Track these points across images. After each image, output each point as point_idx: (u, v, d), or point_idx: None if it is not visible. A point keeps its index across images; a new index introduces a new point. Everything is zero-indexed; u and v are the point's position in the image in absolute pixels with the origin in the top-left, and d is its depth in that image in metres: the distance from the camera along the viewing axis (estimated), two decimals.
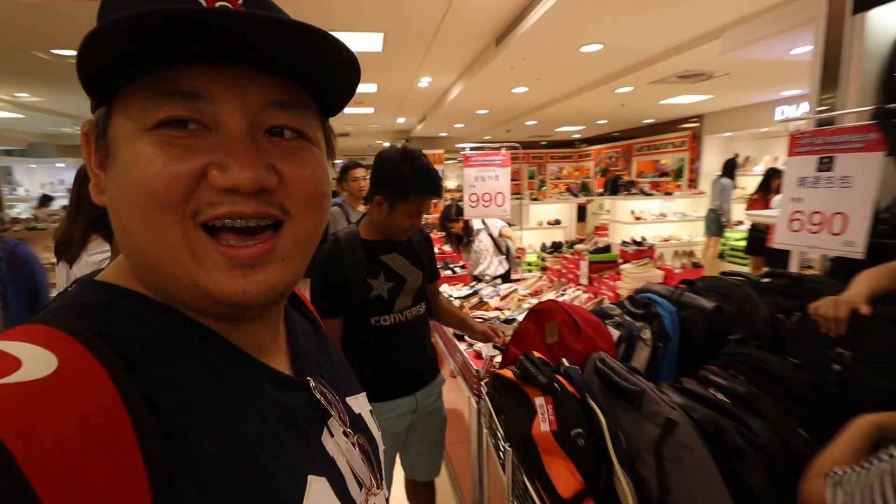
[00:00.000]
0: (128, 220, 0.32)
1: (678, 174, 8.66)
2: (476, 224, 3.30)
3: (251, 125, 0.32)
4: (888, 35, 1.70)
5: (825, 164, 1.68)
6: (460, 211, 3.23)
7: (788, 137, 1.84)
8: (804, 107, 5.85)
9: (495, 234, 3.27)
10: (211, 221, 0.31)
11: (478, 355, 1.85)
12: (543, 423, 0.91)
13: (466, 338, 2.00)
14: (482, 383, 1.66)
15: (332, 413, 0.41)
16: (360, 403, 0.49)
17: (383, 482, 0.46)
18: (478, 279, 3.05)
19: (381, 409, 1.44)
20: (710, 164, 7.71)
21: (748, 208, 5.02)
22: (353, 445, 0.42)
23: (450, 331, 2.09)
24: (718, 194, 6.18)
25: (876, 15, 1.67)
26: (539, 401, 0.92)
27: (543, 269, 4.48)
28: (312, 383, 0.40)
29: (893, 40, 1.70)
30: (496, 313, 2.30)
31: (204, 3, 0.31)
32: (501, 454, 1.27)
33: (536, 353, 1.10)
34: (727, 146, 7.82)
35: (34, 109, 6.54)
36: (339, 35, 0.31)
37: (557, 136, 11.44)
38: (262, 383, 0.36)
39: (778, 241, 1.84)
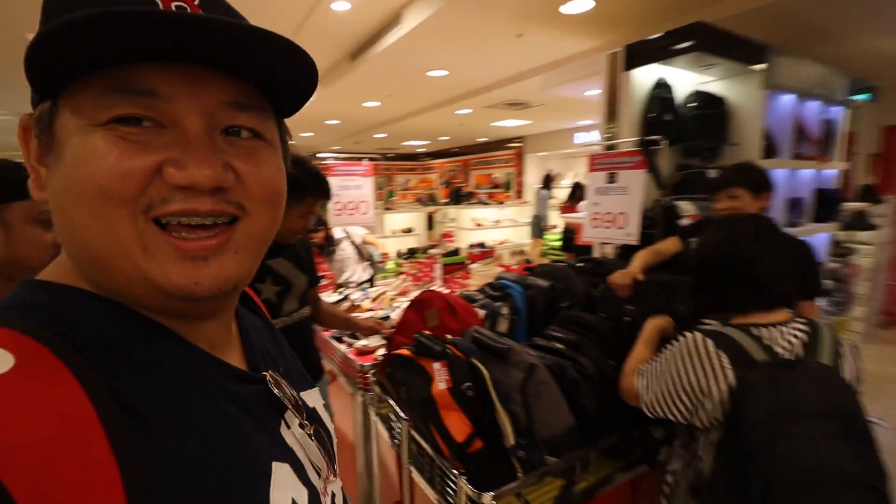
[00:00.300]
0: (75, 216, 0.31)
1: (508, 186, 9.99)
2: (338, 233, 3.36)
3: (208, 125, 0.32)
4: (645, 87, 2.41)
5: (612, 178, 2.28)
6: (321, 221, 3.26)
7: (588, 158, 2.43)
8: (595, 135, 7.43)
9: (358, 241, 3.38)
10: (165, 218, 0.31)
11: (360, 352, 1.96)
12: (440, 383, 1.11)
13: (345, 338, 2.09)
14: (368, 374, 1.79)
15: (288, 406, 0.41)
16: (313, 398, 0.50)
17: (336, 473, 0.48)
18: (344, 286, 3.12)
19: None
20: (532, 177, 9.11)
21: (562, 213, 6.15)
22: (310, 437, 0.43)
23: (327, 333, 2.15)
24: (539, 203, 7.39)
25: (637, 73, 2.36)
26: (436, 366, 1.12)
27: (399, 273, 4.76)
28: (269, 377, 0.41)
29: (650, 89, 2.41)
30: (370, 314, 2.44)
31: (161, 5, 0.31)
32: (395, 432, 1.43)
33: (427, 332, 1.31)
34: (543, 163, 9.34)
35: None
36: None
37: (403, 149, 12.00)
38: (219, 378, 0.36)
39: (585, 235, 2.40)
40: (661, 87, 2.40)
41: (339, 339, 2.11)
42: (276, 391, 0.40)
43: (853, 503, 0.75)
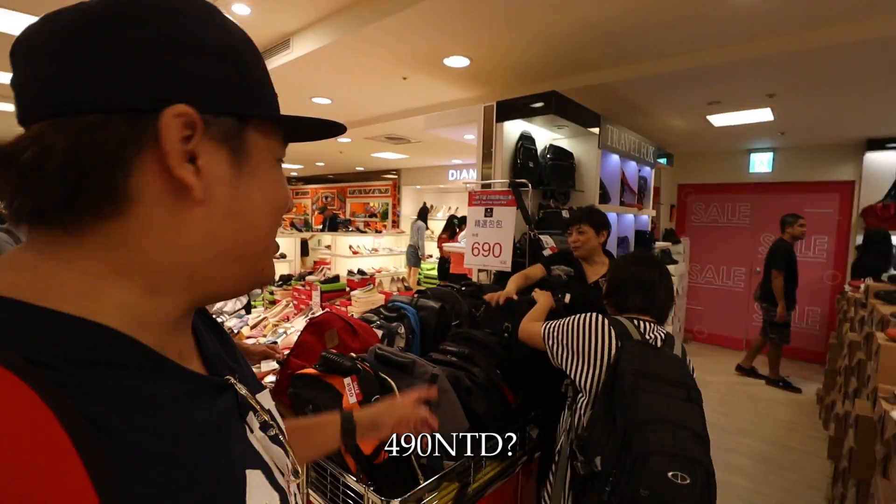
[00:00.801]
0: (265, 223, 0.40)
1: (384, 215, 10.18)
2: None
3: None
4: (513, 137, 2.82)
5: (489, 213, 2.59)
6: None
7: (467, 194, 2.71)
8: (472, 173, 8.12)
9: None
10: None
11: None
12: (351, 398, 1.16)
13: None
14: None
15: (257, 408, 0.43)
16: (266, 400, 0.50)
17: (297, 469, 0.50)
18: (218, 314, 2.87)
19: None
20: (408, 208, 9.47)
21: (440, 244, 6.53)
22: (270, 439, 0.45)
23: None
24: (415, 233, 7.72)
25: (508, 125, 2.75)
26: (347, 381, 1.17)
27: (272, 302, 4.49)
28: (232, 381, 0.42)
29: (517, 139, 2.83)
30: (251, 341, 2.30)
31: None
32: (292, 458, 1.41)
33: (333, 350, 1.34)
34: (419, 196, 9.81)
35: None
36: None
37: None
38: (191, 388, 0.37)
39: (467, 263, 2.66)
40: (526, 139, 2.85)
41: None
42: (244, 394, 0.42)
43: (683, 440, 1.05)
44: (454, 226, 6.47)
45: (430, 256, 8.74)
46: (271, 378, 1.81)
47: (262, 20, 2.69)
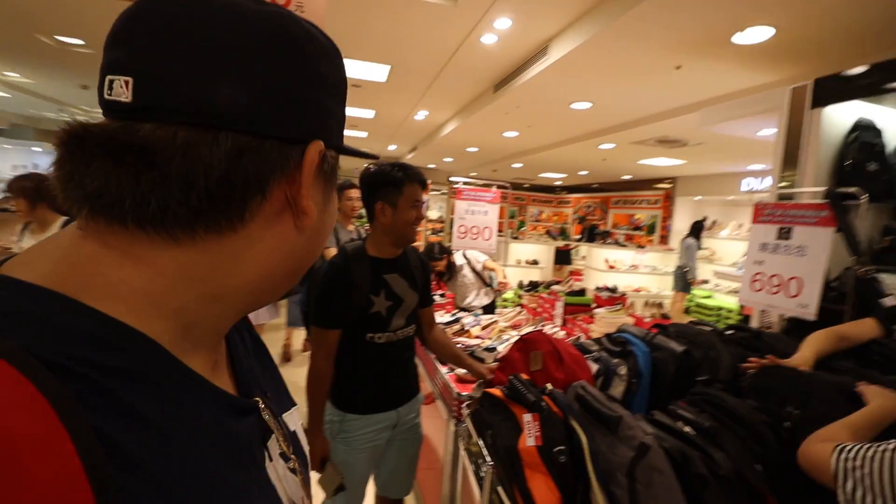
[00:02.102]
0: (323, 241, 0.41)
1: (651, 229, 9.12)
2: (458, 260, 3.40)
3: None
4: (841, 129, 1.96)
5: (784, 234, 1.89)
6: (444, 250, 3.34)
7: (753, 207, 2.06)
8: (768, 181, 6.37)
9: (478, 267, 3.38)
10: None
11: (459, 379, 1.92)
12: (529, 439, 0.99)
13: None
14: (462, 406, 1.73)
15: (278, 437, 0.41)
16: (293, 419, 0.48)
17: (310, 497, 0.47)
18: (465, 310, 3.13)
19: (365, 422, 1.49)
20: (681, 223, 8.18)
21: None
22: (290, 470, 0.42)
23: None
24: (684, 252, 6.56)
25: (830, 111, 1.93)
26: (527, 417, 1.01)
27: (519, 305, 4.62)
28: (261, 405, 0.40)
29: (844, 134, 1.96)
30: (477, 341, 2.38)
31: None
32: (480, 473, 1.34)
33: (524, 376, 1.20)
34: (697, 208, 8.33)
35: (22, 90, 6.42)
36: (347, 62, 0.45)
37: (540, 181, 11.90)
38: (218, 411, 0.34)
39: (742, 298, 2.01)
40: (865, 130, 1.92)
41: (444, 361, 2.09)
42: (267, 419, 0.40)
43: None
44: None
45: (706, 282, 7.30)
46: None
47: (521, 30, 2.74)
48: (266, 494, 0.37)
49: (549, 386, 1.15)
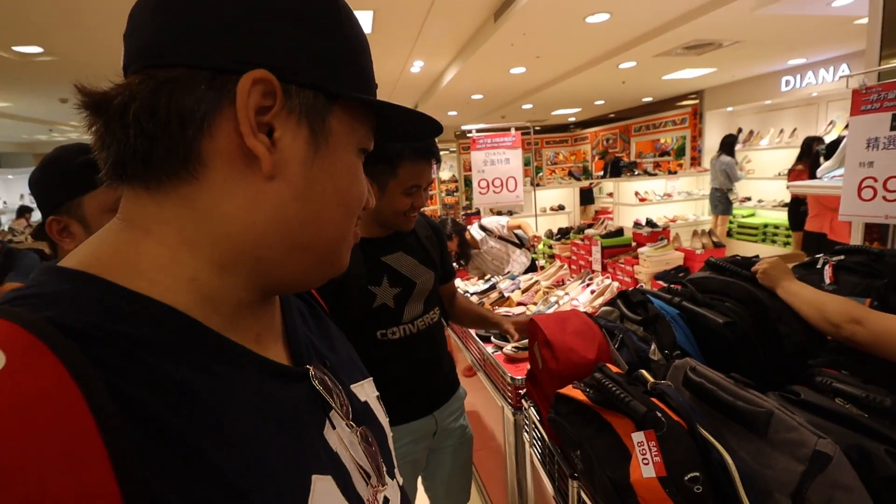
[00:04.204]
0: (331, 215, 0.36)
1: (679, 153, 8.45)
2: (477, 234, 3.02)
3: None
4: None
5: None
6: (457, 225, 2.96)
7: (851, 94, 1.61)
8: (823, 73, 5.64)
9: (504, 233, 3.01)
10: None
11: (509, 359, 1.63)
12: (646, 467, 0.68)
13: (493, 338, 1.77)
14: (519, 392, 1.44)
15: (333, 405, 0.39)
16: (365, 390, 0.48)
17: (395, 472, 0.46)
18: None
19: (396, 435, 1.21)
20: (713, 140, 7.49)
21: (791, 180, 4.76)
22: (357, 438, 0.40)
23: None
24: (718, 173, 5.98)
25: None
26: (638, 437, 0.69)
27: (551, 256, 4.28)
28: (312, 372, 0.39)
29: None
30: (521, 308, 2.08)
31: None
32: (558, 481, 1.05)
33: (612, 368, 0.88)
34: (730, 121, 7.62)
35: (4, 115, 6.19)
36: None
37: (552, 120, 11.18)
38: (259, 377, 0.34)
39: (845, 212, 1.62)
40: None
41: (487, 339, 1.81)
42: (320, 388, 0.38)
43: None
44: (812, 152, 4.54)
45: (748, 199, 6.74)
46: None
47: None
48: (322, 461, 0.35)
49: (648, 376, 0.83)
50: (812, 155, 4.49)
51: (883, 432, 0.74)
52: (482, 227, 3.00)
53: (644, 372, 0.85)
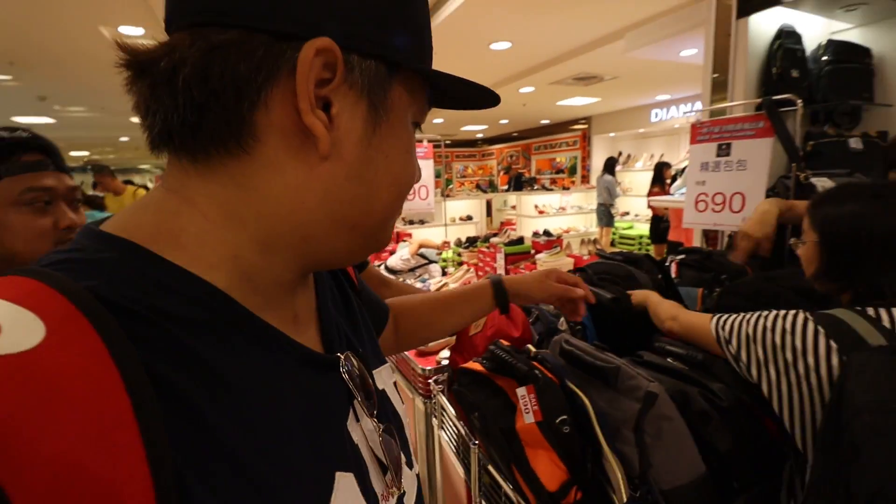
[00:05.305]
0: (384, 195, 0.34)
1: (572, 171, 9.39)
2: (385, 274, 3.06)
3: None
4: (766, 37, 1.95)
5: (723, 150, 1.87)
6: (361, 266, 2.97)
7: (681, 134, 2.02)
8: (681, 110, 6.69)
9: (411, 262, 3.04)
10: None
11: (419, 353, 1.75)
12: (527, 415, 0.84)
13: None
14: (430, 381, 1.56)
15: (358, 396, 0.38)
16: (383, 377, 0.46)
17: (413, 459, 0.45)
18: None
19: None
20: (599, 161, 8.46)
21: (649, 197, 5.51)
22: (378, 430, 0.39)
23: None
24: (602, 190, 6.81)
25: (756, 20, 1.90)
26: (521, 392, 0.85)
27: (460, 263, 4.53)
28: (343, 361, 0.38)
29: (769, 41, 1.95)
30: None
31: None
32: (461, 453, 1.19)
33: (503, 342, 1.04)
34: (612, 145, 8.66)
35: None
36: None
37: (461, 136, 11.71)
38: (293, 365, 0.33)
39: (687, 221, 2.01)
40: (787, 37, 1.92)
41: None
42: (349, 382, 0.38)
43: None
44: (661, 174, 5.33)
45: (627, 214, 7.71)
46: (446, 355, 1.65)
47: None
48: (345, 456, 0.35)
49: (532, 348, 1.01)
50: (662, 178, 5.30)
51: (697, 379, 0.99)
52: (390, 270, 3.01)
53: (529, 346, 1.03)
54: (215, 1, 0.27)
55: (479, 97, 0.39)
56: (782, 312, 0.89)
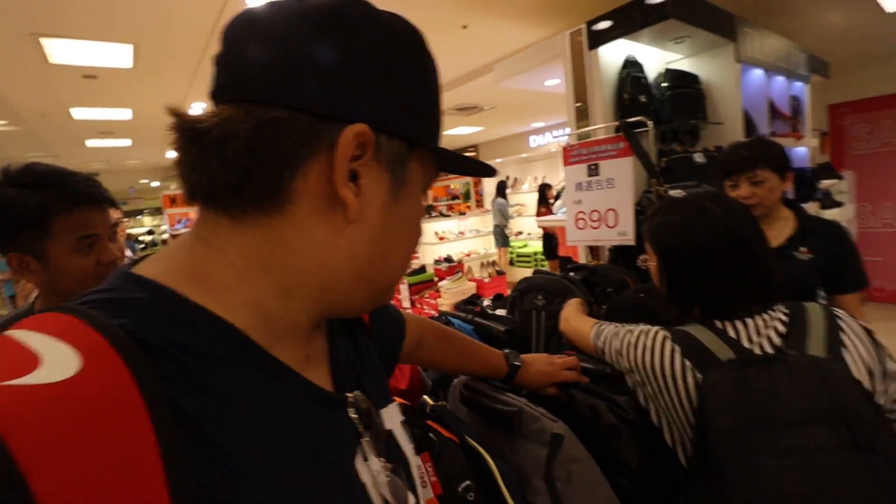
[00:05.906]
0: (400, 252, 0.39)
1: (466, 196, 9.73)
2: None
3: None
4: (616, 66, 2.14)
5: (593, 170, 1.98)
6: None
7: (557, 156, 2.12)
8: (556, 133, 7.30)
9: None
10: None
11: None
12: (424, 490, 0.71)
13: None
14: None
15: (366, 437, 0.39)
16: (391, 416, 0.47)
17: (421, 501, 0.46)
18: None
19: None
20: (490, 186, 8.86)
21: (538, 216, 5.82)
22: (386, 469, 0.40)
23: None
24: (496, 212, 7.14)
25: (604, 51, 2.09)
26: (416, 462, 0.72)
27: None
28: (350, 400, 0.39)
29: (619, 69, 2.15)
30: None
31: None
32: None
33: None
34: (501, 170, 9.17)
35: None
36: (83, 44, 0.29)
37: None
38: (304, 402, 0.35)
39: (570, 239, 2.08)
40: (632, 66, 2.15)
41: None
42: (354, 418, 0.39)
43: None
44: (544, 195, 5.70)
45: (521, 233, 8.13)
46: None
47: None
48: (348, 492, 0.36)
49: (428, 399, 0.89)
50: (546, 198, 5.70)
51: (604, 394, 0.95)
52: None
53: (426, 397, 0.91)
54: (267, 82, 0.31)
55: (478, 168, 0.44)
56: (646, 329, 0.89)
